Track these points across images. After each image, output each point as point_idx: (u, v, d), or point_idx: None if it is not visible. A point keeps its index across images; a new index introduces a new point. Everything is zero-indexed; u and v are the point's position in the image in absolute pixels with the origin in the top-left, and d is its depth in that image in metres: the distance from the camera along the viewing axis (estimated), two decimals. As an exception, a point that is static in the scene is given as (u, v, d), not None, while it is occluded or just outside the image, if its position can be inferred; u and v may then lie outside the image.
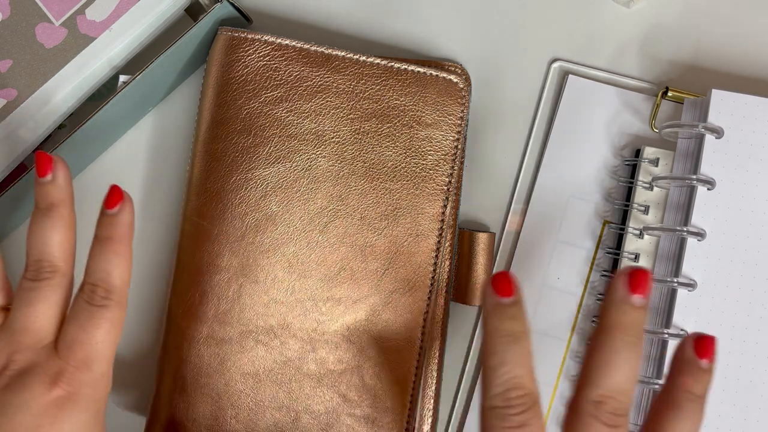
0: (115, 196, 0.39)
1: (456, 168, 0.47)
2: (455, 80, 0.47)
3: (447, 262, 0.48)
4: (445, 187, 0.46)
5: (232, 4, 0.47)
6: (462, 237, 0.49)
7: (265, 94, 0.46)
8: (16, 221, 0.49)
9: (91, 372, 0.36)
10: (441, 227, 0.46)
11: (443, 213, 0.46)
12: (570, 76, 0.50)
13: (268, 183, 0.46)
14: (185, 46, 0.47)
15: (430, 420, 0.47)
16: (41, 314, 0.36)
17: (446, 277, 0.48)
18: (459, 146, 0.47)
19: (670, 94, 0.49)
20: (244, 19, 0.49)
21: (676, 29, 0.50)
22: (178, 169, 0.50)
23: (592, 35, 0.51)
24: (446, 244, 0.48)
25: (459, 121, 0.47)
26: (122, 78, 0.47)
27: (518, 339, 0.35)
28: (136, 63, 0.47)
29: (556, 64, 0.50)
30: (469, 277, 0.48)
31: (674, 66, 0.50)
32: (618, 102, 0.50)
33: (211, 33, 0.48)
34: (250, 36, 0.46)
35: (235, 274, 0.45)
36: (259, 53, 0.46)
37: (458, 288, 0.49)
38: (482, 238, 0.48)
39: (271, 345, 0.45)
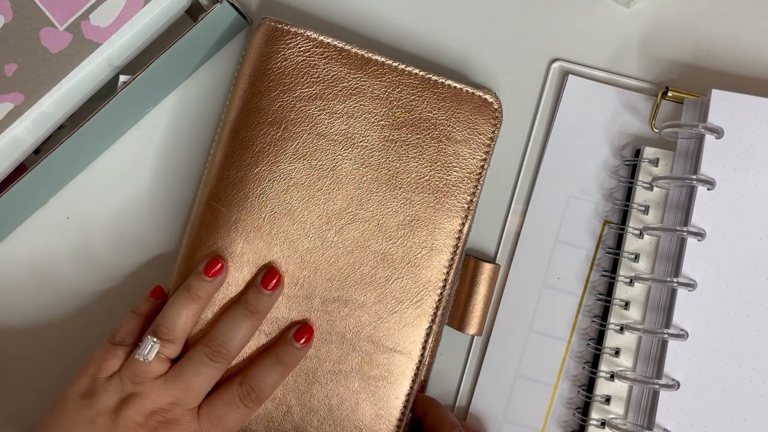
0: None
1: (479, 188, 0.47)
2: (490, 100, 0.46)
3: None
4: (466, 205, 0.46)
5: (232, 5, 0.47)
6: (467, 264, 0.48)
7: (300, 89, 0.46)
8: (16, 221, 0.49)
9: None
10: (456, 245, 0.46)
11: (460, 231, 0.46)
12: (570, 76, 0.50)
13: (291, 178, 0.46)
14: (185, 47, 0.47)
15: None
16: (204, 386, 0.43)
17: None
18: (485, 166, 0.47)
19: (670, 94, 0.49)
20: (244, 19, 0.49)
21: (676, 29, 0.50)
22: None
23: (592, 35, 0.51)
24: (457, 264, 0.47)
25: (488, 142, 0.46)
26: (122, 78, 0.47)
27: None
28: (136, 63, 0.47)
29: (556, 64, 0.50)
30: (468, 305, 0.48)
31: (674, 66, 0.50)
32: (618, 102, 0.50)
33: (211, 33, 0.48)
34: (293, 29, 0.46)
35: (248, 263, 0.45)
36: (300, 48, 0.46)
37: (454, 313, 0.49)
38: (487, 269, 0.48)
39: (272, 335, 0.45)
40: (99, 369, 0.43)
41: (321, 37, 0.46)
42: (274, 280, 0.45)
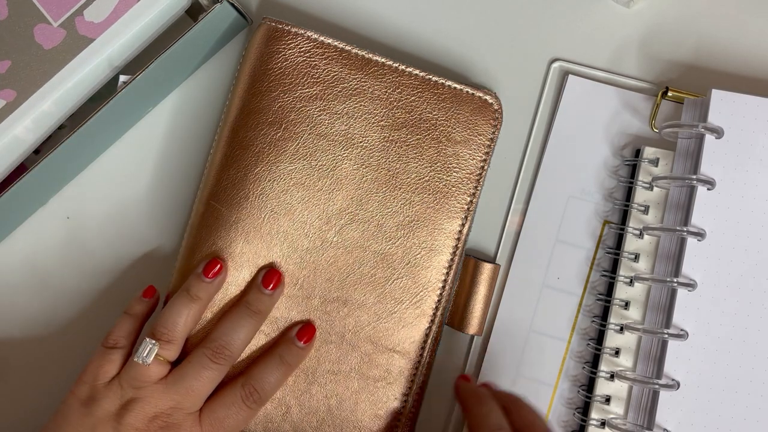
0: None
1: (479, 189, 0.47)
2: (491, 101, 0.47)
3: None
4: (466, 206, 0.46)
5: (232, 5, 0.47)
6: (467, 264, 0.48)
7: (300, 90, 0.46)
8: (16, 221, 0.49)
9: None
10: (456, 245, 0.46)
11: (460, 231, 0.46)
12: (570, 76, 0.50)
13: (291, 178, 0.46)
14: (185, 47, 0.47)
15: None
16: (205, 389, 0.43)
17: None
18: (485, 167, 0.47)
19: (670, 94, 0.49)
20: (244, 19, 0.49)
21: (676, 29, 0.50)
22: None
23: (592, 35, 0.51)
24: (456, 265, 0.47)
25: (488, 143, 0.47)
26: (122, 78, 0.47)
27: None
28: (136, 63, 0.47)
29: (556, 64, 0.50)
30: (468, 305, 0.48)
31: (674, 66, 0.50)
32: (618, 102, 0.50)
33: (211, 33, 0.48)
34: (293, 30, 0.46)
35: (247, 263, 0.45)
36: (300, 48, 0.46)
37: (454, 313, 0.48)
38: (487, 269, 0.48)
39: (271, 336, 0.45)
40: (97, 375, 0.43)
41: (321, 38, 0.46)
42: (275, 280, 0.45)
